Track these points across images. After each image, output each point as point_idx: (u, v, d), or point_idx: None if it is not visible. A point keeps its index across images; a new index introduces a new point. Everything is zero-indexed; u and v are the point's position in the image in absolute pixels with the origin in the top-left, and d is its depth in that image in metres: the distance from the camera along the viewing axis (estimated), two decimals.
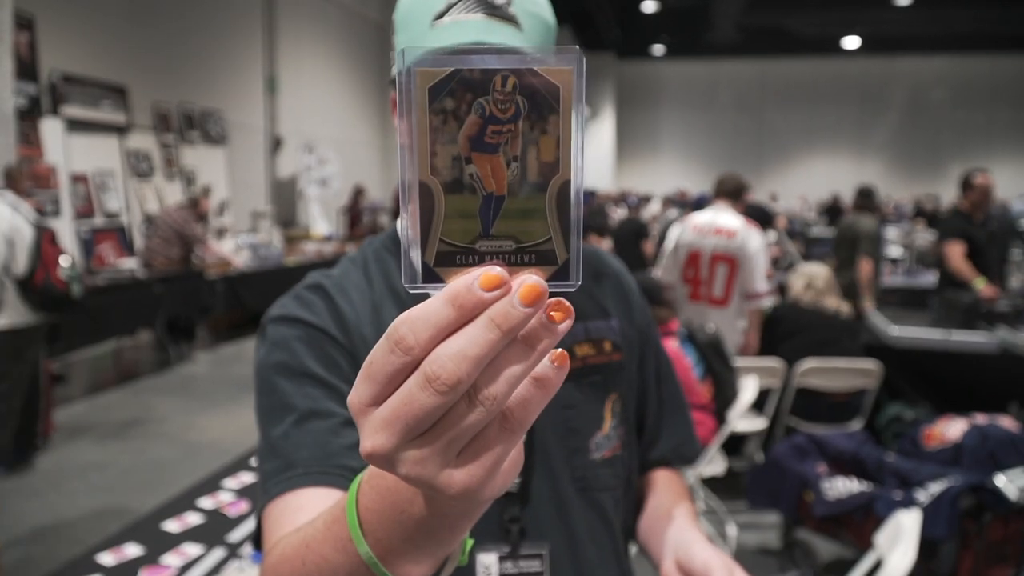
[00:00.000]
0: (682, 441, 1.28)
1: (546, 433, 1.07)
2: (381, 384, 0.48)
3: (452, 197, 0.49)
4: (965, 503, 3.31)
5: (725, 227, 5.00)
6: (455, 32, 0.95)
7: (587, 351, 1.12)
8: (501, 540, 1.03)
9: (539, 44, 0.99)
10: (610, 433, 1.12)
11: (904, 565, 2.17)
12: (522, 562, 1.03)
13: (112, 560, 2.03)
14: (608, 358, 1.14)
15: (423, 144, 0.48)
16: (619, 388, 1.14)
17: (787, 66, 29.46)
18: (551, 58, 0.49)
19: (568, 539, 1.07)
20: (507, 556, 1.03)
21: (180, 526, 2.23)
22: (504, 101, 0.49)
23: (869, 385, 4.87)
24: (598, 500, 1.10)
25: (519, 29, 0.97)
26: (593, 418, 1.11)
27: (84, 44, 9.57)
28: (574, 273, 0.50)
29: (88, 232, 9.16)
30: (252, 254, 10.10)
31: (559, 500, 1.07)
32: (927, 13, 23.44)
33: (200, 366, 8.53)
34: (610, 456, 1.12)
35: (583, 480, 1.09)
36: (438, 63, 0.48)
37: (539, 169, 0.49)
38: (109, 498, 4.93)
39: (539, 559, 1.04)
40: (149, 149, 10.65)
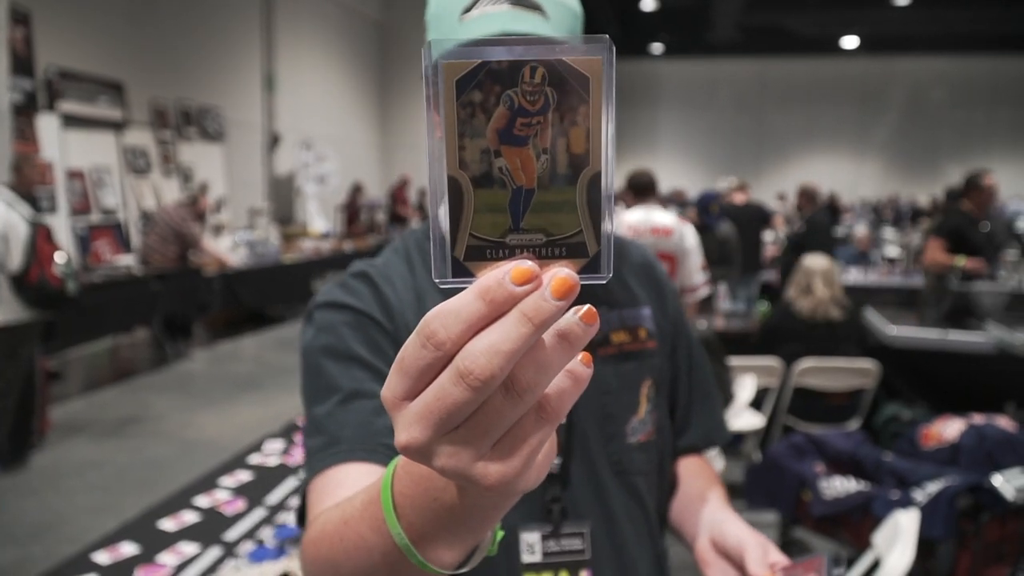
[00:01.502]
0: (712, 428, 1.31)
1: (584, 418, 1.11)
2: (414, 379, 0.48)
3: (481, 191, 0.48)
4: (962, 503, 3.31)
5: (661, 226, 5.01)
6: (482, 24, 0.97)
7: (623, 338, 1.15)
8: (544, 520, 1.07)
9: (566, 32, 1.02)
10: (645, 418, 1.15)
11: (902, 565, 2.17)
12: (564, 540, 1.07)
13: (108, 559, 2.02)
14: (643, 345, 1.17)
15: (451, 138, 0.48)
16: (653, 374, 1.18)
17: (786, 66, 29.46)
18: (580, 47, 0.49)
19: (606, 519, 1.11)
20: (550, 535, 1.07)
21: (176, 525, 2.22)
22: (533, 92, 0.48)
23: (867, 385, 4.87)
24: (633, 483, 1.14)
25: (546, 17, 1.00)
26: (629, 403, 1.14)
27: (81, 39, 9.55)
28: (605, 265, 0.50)
29: (84, 229, 9.15)
30: (249, 251, 10.08)
31: (597, 483, 1.11)
32: (927, 13, 23.44)
33: (197, 364, 8.52)
34: (645, 440, 1.15)
35: (619, 464, 1.13)
36: (465, 55, 0.47)
37: (569, 161, 0.50)
38: (106, 496, 4.92)
39: (580, 537, 1.08)
40: (146, 145, 10.64)
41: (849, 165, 29.48)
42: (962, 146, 27.85)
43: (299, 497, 1.03)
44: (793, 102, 29.87)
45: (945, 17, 23.80)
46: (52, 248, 5.28)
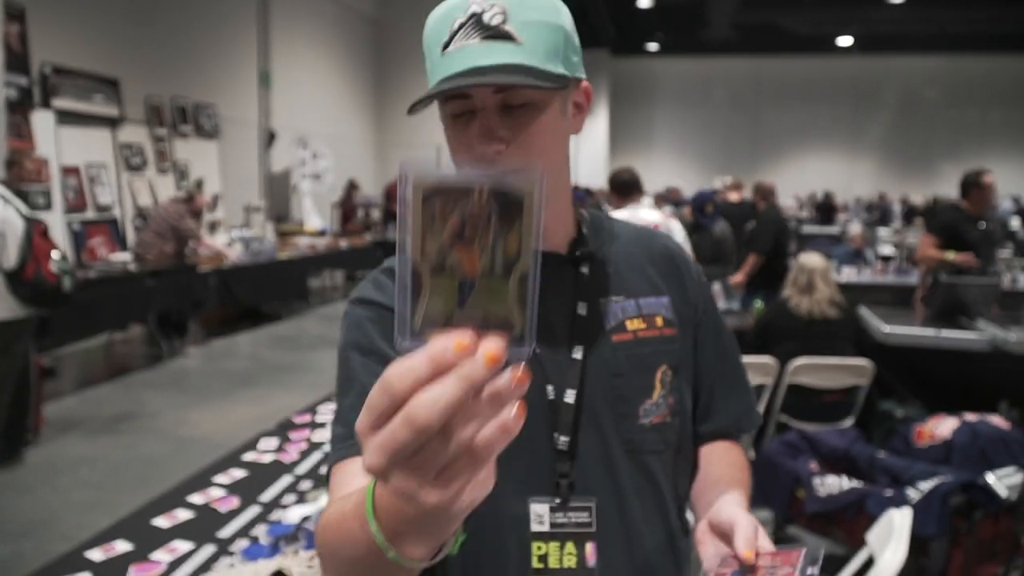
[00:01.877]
0: (740, 414, 1.35)
1: (596, 398, 1.17)
2: (375, 416, 0.59)
3: (437, 278, 0.62)
4: (956, 501, 3.32)
5: (648, 222, 5.02)
6: (458, 59, 1.03)
7: (638, 325, 1.21)
8: (553, 493, 1.14)
9: (544, 52, 1.04)
10: (659, 401, 1.20)
11: (895, 563, 2.17)
12: (571, 513, 1.14)
13: (101, 556, 2.01)
14: (659, 332, 1.23)
15: (416, 235, 0.61)
16: (670, 360, 1.22)
17: (781, 64, 29.48)
18: (520, 174, 0.61)
19: (616, 495, 1.17)
20: (558, 507, 1.14)
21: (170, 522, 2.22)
22: (480, 205, 0.61)
23: (861, 383, 4.88)
24: (645, 462, 1.19)
25: (517, 44, 1.03)
26: (642, 387, 1.19)
27: (76, 36, 9.54)
28: (528, 340, 0.63)
29: (80, 225, 9.14)
30: (245, 248, 10.07)
31: (608, 459, 1.17)
32: (921, 12, 23.46)
33: (192, 361, 8.51)
34: (658, 422, 1.20)
35: (631, 443, 1.18)
36: (430, 173, 0.61)
37: (504, 260, 0.62)
38: (99, 493, 4.92)
39: (587, 511, 1.14)
40: (142, 142, 10.62)
41: (843, 164, 29.52)
42: (956, 145, 27.90)
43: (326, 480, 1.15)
44: (788, 100, 29.91)
45: (939, 16, 23.84)
46: (48, 245, 5.26)
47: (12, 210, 5.07)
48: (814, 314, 4.96)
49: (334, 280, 14.42)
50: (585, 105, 1.17)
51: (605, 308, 1.21)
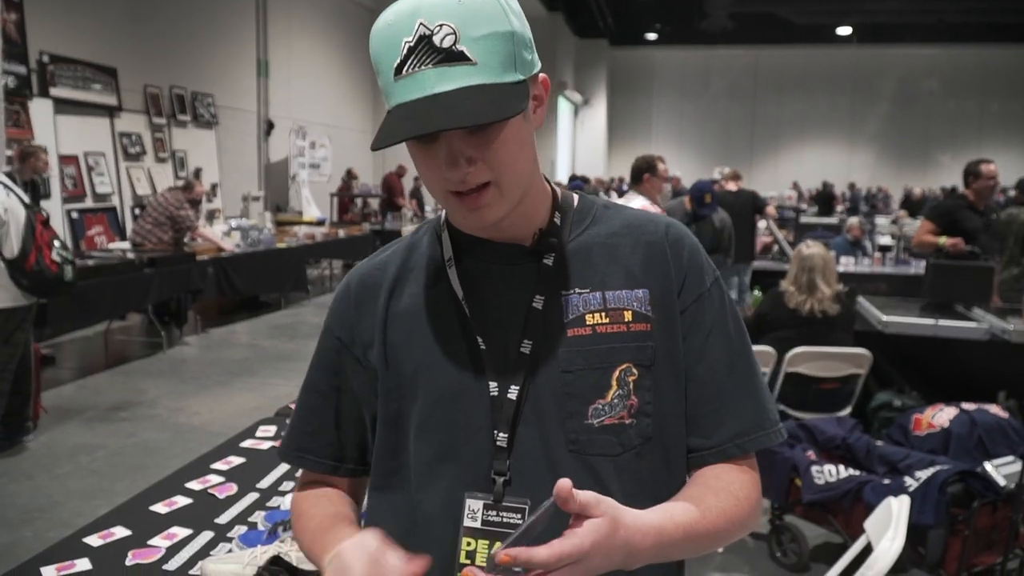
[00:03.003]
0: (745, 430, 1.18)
1: (542, 395, 1.13)
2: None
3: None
4: (953, 490, 3.32)
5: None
6: (414, 87, 1.00)
7: (599, 319, 1.15)
8: (489, 490, 1.11)
9: (497, 65, 1.01)
10: (614, 401, 1.12)
11: (893, 551, 2.17)
12: (504, 512, 1.10)
13: (100, 542, 2.03)
14: (625, 327, 1.14)
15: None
16: (637, 358, 1.14)
17: (780, 54, 29.46)
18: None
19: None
20: (492, 504, 1.11)
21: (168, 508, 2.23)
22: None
23: (859, 372, 4.88)
24: (592, 464, 1.13)
25: (472, 64, 1.00)
26: (593, 385, 1.12)
27: (74, 25, 9.52)
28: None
29: (78, 214, 9.13)
30: (243, 238, 10.07)
31: (550, 459, 1.12)
32: (919, 3, 23.47)
33: (190, 349, 8.52)
34: (612, 424, 1.12)
35: (577, 443, 1.12)
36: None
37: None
38: (98, 480, 4.93)
39: (520, 512, 1.09)
40: (140, 131, 10.62)
41: (841, 154, 29.53)
42: (954, 136, 27.93)
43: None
44: (786, 91, 29.90)
45: (938, 7, 23.83)
46: (50, 234, 5.27)
47: (15, 199, 5.07)
48: (815, 312, 4.94)
49: (332, 269, 14.42)
50: (544, 96, 1.12)
51: (565, 301, 1.15)
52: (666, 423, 1.17)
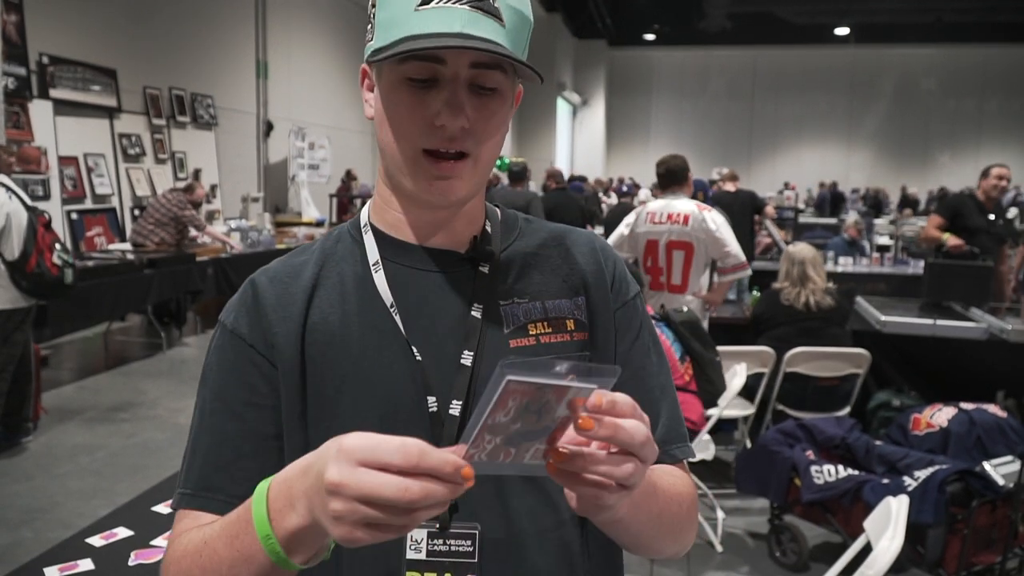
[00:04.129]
0: (668, 439, 1.15)
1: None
2: (387, 462, 0.72)
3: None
4: (953, 489, 3.33)
5: (678, 212, 5.04)
6: (440, 19, 0.95)
7: (542, 329, 1.09)
8: (432, 517, 0.95)
9: (517, 40, 1.00)
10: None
11: (892, 550, 2.18)
12: (451, 541, 1.02)
13: (102, 542, 2.03)
14: (567, 336, 1.10)
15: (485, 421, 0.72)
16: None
17: (778, 54, 29.47)
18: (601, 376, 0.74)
19: (504, 521, 1.05)
20: (437, 533, 1.02)
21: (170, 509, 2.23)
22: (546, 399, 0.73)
23: (857, 372, 4.89)
24: (542, 484, 1.06)
25: (502, 24, 0.97)
26: None
27: (74, 26, 9.51)
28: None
29: (78, 215, 9.13)
30: (242, 239, 10.07)
31: (497, 480, 1.04)
32: (917, 2, 23.48)
33: (190, 350, 8.52)
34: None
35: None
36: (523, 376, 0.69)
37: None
38: (99, 481, 4.94)
39: (470, 539, 1.02)
40: (139, 132, 10.61)
41: (839, 154, 29.53)
42: (952, 135, 27.93)
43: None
44: (784, 91, 29.90)
45: (936, 6, 23.83)
46: (51, 236, 5.29)
47: (16, 201, 5.08)
48: (811, 304, 4.97)
49: None
50: (515, 103, 1.07)
51: (505, 311, 1.08)
52: None
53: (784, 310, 5.04)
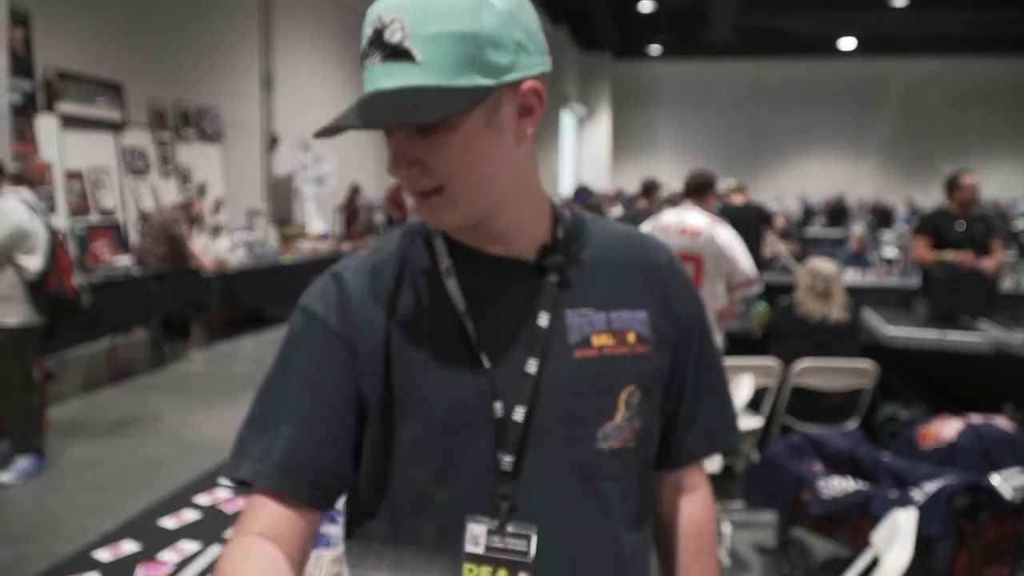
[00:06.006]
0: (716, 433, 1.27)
1: (549, 417, 1.08)
2: None
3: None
4: (961, 502, 3.32)
5: (690, 227, 5.02)
6: (367, 79, 1.00)
7: (605, 341, 1.11)
8: (493, 515, 1.07)
9: (448, 67, 0.96)
10: (622, 424, 1.10)
11: (900, 563, 2.17)
12: (509, 539, 1.06)
13: (109, 556, 2.02)
14: (630, 349, 1.12)
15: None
16: (639, 380, 1.13)
17: (783, 67, 29.52)
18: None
19: (560, 523, 1.08)
20: (496, 530, 1.06)
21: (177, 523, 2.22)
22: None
23: (865, 385, 4.88)
24: (600, 489, 1.10)
25: (415, 63, 0.96)
26: (602, 408, 1.10)
27: (80, 41, 9.55)
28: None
29: (83, 229, 9.15)
30: (248, 252, 10.07)
31: (557, 484, 1.09)
32: (923, 15, 23.48)
33: (195, 364, 8.52)
34: (619, 447, 1.10)
35: (586, 468, 1.10)
36: None
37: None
38: (104, 495, 4.93)
39: (526, 539, 1.06)
40: (145, 146, 10.63)
41: (846, 166, 29.55)
42: (959, 148, 27.92)
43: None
44: (789, 103, 29.94)
45: (941, 19, 23.84)
46: (69, 259, 5.34)
47: (39, 221, 5.11)
48: (828, 319, 4.96)
49: None
50: (535, 106, 1.04)
51: (570, 321, 1.11)
52: (653, 447, 1.19)
53: (797, 323, 5.03)
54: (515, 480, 1.07)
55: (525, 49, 1.01)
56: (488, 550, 1.06)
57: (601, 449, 1.10)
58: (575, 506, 1.09)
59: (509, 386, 1.07)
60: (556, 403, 1.08)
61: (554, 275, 1.12)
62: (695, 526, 1.25)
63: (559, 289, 1.12)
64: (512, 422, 1.06)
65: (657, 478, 1.26)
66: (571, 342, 1.10)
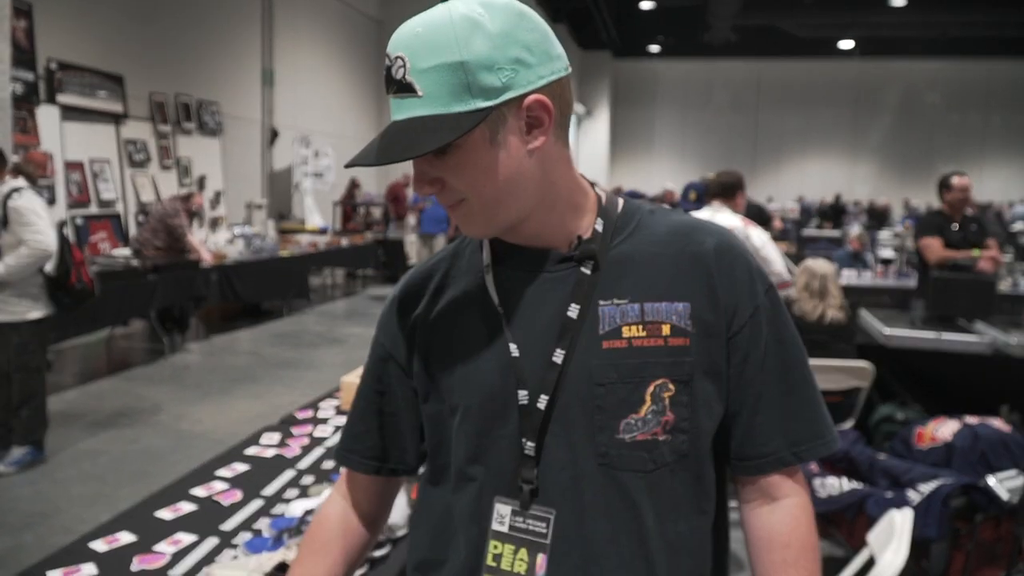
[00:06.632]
0: (803, 439, 1.21)
1: (572, 406, 1.12)
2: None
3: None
4: (957, 503, 3.32)
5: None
6: (391, 110, 1.09)
7: (636, 332, 1.13)
8: (517, 497, 1.14)
9: (446, 96, 1.03)
10: (647, 417, 1.11)
11: (896, 564, 2.18)
12: (530, 520, 1.13)
13: (105, 547, 2.04)
14: (662, 341, 1.13)
15: None
16: (672, 374, 1.12)
17: (782, 67, 29.53)
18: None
19: (579, 508, 1.12)
20: (519, 511, 1.14)
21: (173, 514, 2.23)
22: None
23: (861, 385, 4.88)
24: (620, 479, 1.12)
25: (418, 96, 1.04)
26: (626, 399, 1.11)
27: (81, 32, 9.55)
28: None
29: (83, 220, 9.15)
30: (246, 245, 10.07)
31: (578, 471, 1.12)
32: (922, 16, 23.50)
33: (193, 357, 8.52)
34: (644, 439, 1.12)
35: (606, 457, 1.12)
36: None
37: None
38: (100, 486, 4.93)
39: (545, 521, 1.13)
40: (145, 139, 10.64)
41: (843, 167, 29.56)
42: (956, 149, 27.96)
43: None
44: (788, 103, 29.95)
45: (940, 20, 23.86)
46: (78, 250, 5.39)
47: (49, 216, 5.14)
48: (825, 318, 4.95)
49: (335, 278, 14.43)
50: (544, 119, 1.08)
51: (603, 311, 1.13)
52: (700, 440, 1.17)
53: (794, 322, 5.03)
54: (537, 465, 1.13)
55: (525, 64, 1.05)
56: (511, 529, 1.14)
57: (623, 440, 1.12)
58: (594, 493, 1.12)
59: (535, 375, 1.13)
60: (580, 392, 1.12)
61: (587, 266, 1.15)
62: (781, 537, 1.22)
63: (592, 280, 1.15)
64: (536, 409, 1.12)
65: (740, 483, 1.26)
66: (601, 333, 1.13)
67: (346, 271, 14.53)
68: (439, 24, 1.03)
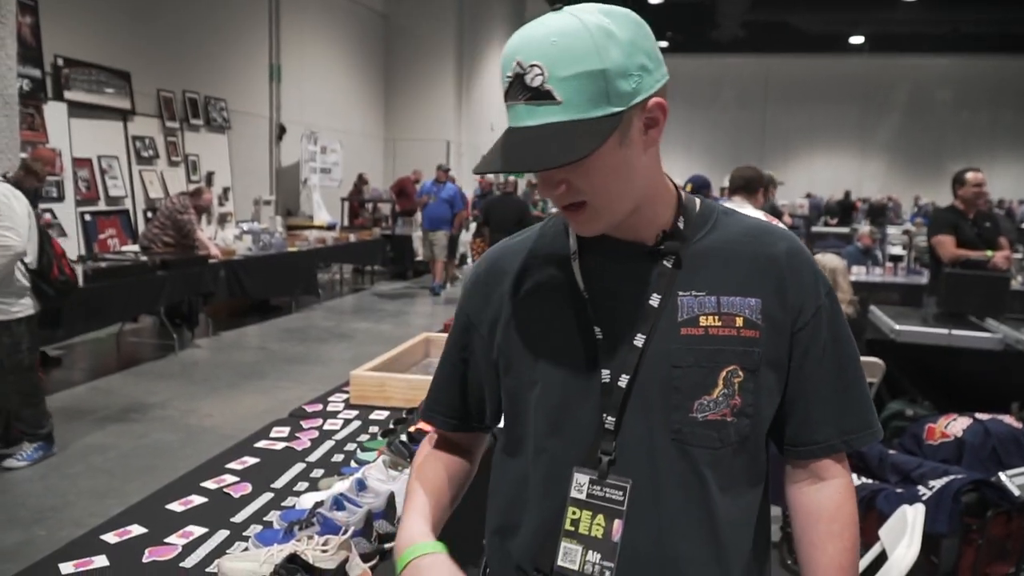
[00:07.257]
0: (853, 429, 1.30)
1: (650, 386, 1.22)
2: None
3: None
4: (967, 499, 3.31)
5: None
6: (512, 116, 1.13)
7: (712, 322, 1.22)
8: (594, 467, 1.23)
9: (585, 103, 1.09)
10: (718, 399, 1.21)
11: (908, 559, 2.17)
12: (607, 489, 1.22)
13: (115, 539, 2.04)
14: (735, 332, 1.22)
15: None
16: (743, 361, 1.22)
17: (791, 63, 29.44)
18: None
19: (653, 480, 1.22)
20: (596, 480, 1.23)
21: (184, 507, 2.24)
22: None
23: (871, 381, 4.86)
24: (692, 454, 1.22)
25: (557, 103, 1.09)
26: (701, 382, 1.21)
27: (88, 29, 9.57)
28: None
29: (91, 217, 9.17)
30: (254, 241, 10.09)
31: (652, 445, 1.22)
32: (931, 12, 23.41)
33: (201, 352, 8.54)
34: (715, 419, 1.22)
35: (679, 433, 1.21)
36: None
37: None
38: (110, 480, 4.95)
39: (622, 490, 1.22)
40: (153, 135, 10.65)
41: (851, 163, 29.48)
42: (965, 146, 27.86)
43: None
44: (797, 100, 29.88)
45: (951, 17, 23.77)
46: (57, 244, 5.37)
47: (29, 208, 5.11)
48: None
49: (343, 274, 14.44)
50: (660, 118, 1.22)
51: (682, 301, 1.23)
52: (760, 425, 1.27)
53: None
54: (616, 438, 1.23)
55: (647, 70, 1.18)
56: (589, 496, 1.24)
57: (695, 418, 1.21)
58: (668, 466, 1.22)
59: (617, 356, 1.23)
60: (658, 373, 1.22)
61: (669, 259, 1.25)
62: (829, 511, 1.31)
63: (673, 272, 1.25)
64: (617, 387, 1.22)
65: (792, 466, 1.35)
66: (679, 320, 1.22)
67: (354, 267, 14.54)
68: (575, 33, 1.09)
